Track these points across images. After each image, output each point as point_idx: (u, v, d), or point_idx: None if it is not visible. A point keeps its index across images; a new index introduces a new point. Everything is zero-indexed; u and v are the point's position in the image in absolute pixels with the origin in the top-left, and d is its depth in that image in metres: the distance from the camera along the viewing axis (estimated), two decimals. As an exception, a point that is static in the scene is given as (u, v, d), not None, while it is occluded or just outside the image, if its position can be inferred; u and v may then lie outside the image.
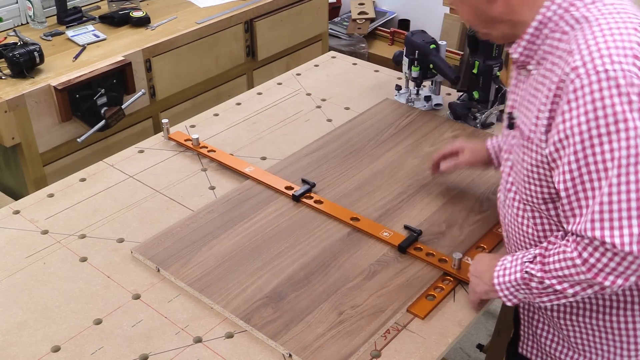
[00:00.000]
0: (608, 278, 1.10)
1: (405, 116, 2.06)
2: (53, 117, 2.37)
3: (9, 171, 2.48)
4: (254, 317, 1.35)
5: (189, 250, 1.53)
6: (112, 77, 2.47)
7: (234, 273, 1.46)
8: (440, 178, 1.76)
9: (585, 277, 1.12)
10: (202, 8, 2.97)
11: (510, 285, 1.26)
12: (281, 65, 3.27)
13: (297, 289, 1.42)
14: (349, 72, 2.39)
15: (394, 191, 1.72)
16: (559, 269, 1.15)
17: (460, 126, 2.00)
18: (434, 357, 1.29)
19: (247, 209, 1.66)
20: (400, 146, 1.91)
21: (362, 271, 1.47)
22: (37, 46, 2.39)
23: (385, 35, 4.11)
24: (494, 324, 2.28)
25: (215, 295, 1.40)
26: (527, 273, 1.22)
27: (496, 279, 1.28)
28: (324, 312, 1.36)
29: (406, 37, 2.07)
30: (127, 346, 1.31)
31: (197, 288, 1.42)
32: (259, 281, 1.44)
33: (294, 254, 1.51)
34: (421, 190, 1.72)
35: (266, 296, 1.40)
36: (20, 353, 1.29)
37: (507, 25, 1.21)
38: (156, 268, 1.48)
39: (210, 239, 1.56)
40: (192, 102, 2.90)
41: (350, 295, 1.40)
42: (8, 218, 1.66)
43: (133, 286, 1.45)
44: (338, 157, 1.86)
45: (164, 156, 1.91)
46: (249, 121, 2.09)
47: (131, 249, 1.54)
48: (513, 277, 1.25)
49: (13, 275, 1.48)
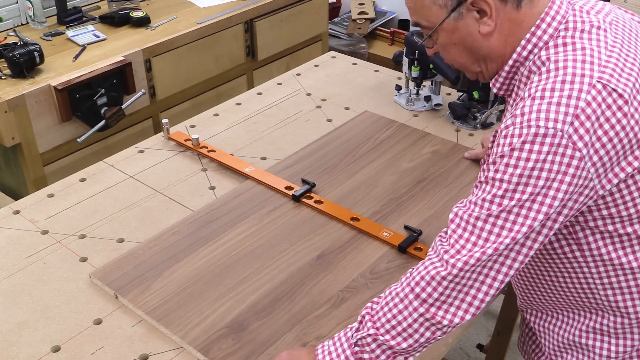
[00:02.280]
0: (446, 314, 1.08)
1: (384, 129, 1.99)
2: (53, 117, 2.37)
3: (9, 171, 2.48)
4: (213, 349, 1.27)
5: (149, 275, 1.45)
6: (112, 77, 2.47)
7: (195, 300, 1.38)
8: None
9: (420, 317, 1.09)
10: (202, 8, 2.97)
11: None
12: (281, 65, 3.27)
13: (260, 318, 1.34)
14: (349, 72, 2.39)
15: (370, 209, 1.65)
16: (391, 318, 1.11)
17: (440, 140, 1.93)
18: (434, 357, 1.29)
19: (213, 229, 1.58)
20: (377, 162, 1.83)
21: (329, 298, 1.39)
22: (37, 46, 2.39)
23: (385, 35, 4.11)
24: (494, 324, 2.28)
25: (173, 325, 1.32)
26: (357, 344, 1.14)
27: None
28: (287, 344, 1.29)
29: (406, 37, 2.07)
30: (127, 346, 1.31)
31: (155, 317, 1.34)
32: (221, 309, 1.36)
33: (260, 279, 1.44)
34: (398, 208, 1.65)
35: (227, 326, 1.32)
36: (20, 353, 1.29)
37: (498, 63, 1.16)
38: (114, 295, 1.41)
39: (173, 263, 1.48)
40: (192, 102, 2.90)
41: (315, 325, 1.33)
42: (8, 218, 1.66)
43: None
44: (314, 172, 1.79)
45: (164, 156, 1.91)
46: (249, 121, 2.09)
47: (89, 273, 1.47)
48: (342, 357, 1.15)
49: (13, 275, 1.48)
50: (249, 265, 1.48)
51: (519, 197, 1.02)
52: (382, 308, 1.13)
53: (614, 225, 1.11)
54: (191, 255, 1.51)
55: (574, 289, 1.22)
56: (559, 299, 1.27)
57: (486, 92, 1.98)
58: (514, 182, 1.02)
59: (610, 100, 1.01)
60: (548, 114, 1.00)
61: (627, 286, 1.17)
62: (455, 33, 1.14)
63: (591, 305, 1.23)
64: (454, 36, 1.14)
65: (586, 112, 0.99)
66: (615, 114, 1.00)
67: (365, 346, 1.14)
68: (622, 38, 1.09)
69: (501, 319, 2.07)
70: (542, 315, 1.34)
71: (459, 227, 1.08)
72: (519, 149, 1.01)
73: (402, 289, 1.12)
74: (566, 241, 1.16)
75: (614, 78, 1.02)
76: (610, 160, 1.02)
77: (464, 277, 1.06)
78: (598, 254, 1.15)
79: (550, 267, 1.23)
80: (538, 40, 1.09)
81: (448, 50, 1.19)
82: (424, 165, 1.83)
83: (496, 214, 1.04)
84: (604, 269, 1.16)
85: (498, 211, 1.03)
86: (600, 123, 1.00)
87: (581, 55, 1.04)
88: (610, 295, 1.18)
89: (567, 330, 1.29)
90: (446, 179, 1.76)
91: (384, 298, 1.15)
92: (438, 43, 1.19)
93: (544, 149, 0.99)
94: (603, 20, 1.10)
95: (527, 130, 1.01)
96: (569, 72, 1.03)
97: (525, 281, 1.32)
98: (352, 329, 1.17)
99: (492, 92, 1.97)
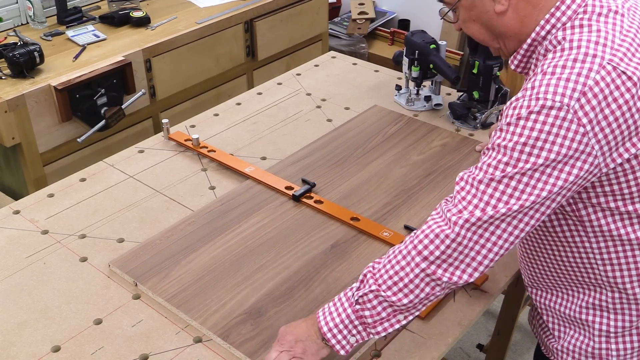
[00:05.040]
0: (445, 272, 1.12)
1: (394, 123, 2.02)
2: (53, 117, 2.37)
3: (9, 171, 2.48)
4: (232, 334, 1.31)
5: (168, 263, 1.49)
6: (112, 77, 2.47)
7: (213, 288, 1.42)
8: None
9: (421, 272, 1.13)
10: (202, 8, 2.97)
11: (343, 326, 1.19)
12: (281, 65, 3.27)
13: (277, 305, 1.38)
14: (349, 72, 2.39)
15: (382, 200, 1.69)
16: (394, 274, 1.15)
17: (449, 133, 1.97)
18: (434, 357, 1.29)
19: (229, 220, 1.62)
20: (387, 155, 1.87)
21: (345, 285, 1.42)
22: (37, 46, 2.39)
23: (385, 35, 4.11)
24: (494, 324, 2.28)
25: (193, 311, 1.36)
26: (358, 302, 1.17)
27: (325, 326, 1.20)
28: None
29: (406, 37, 2.07)
30: (127, 346, 1.31)
31: (174, 303, 1.38)
32: (239, 296, 1.40)
33: (276, 267, 1.48)
34: (409, 200, 1.69)
35: (245, 312, 1.36)
36: (20, 353, 1.29)
37: (515, 41, 1.20)
38: (134, 282, 1.45)
39: (190, 252, 1.52)
40: (192, 102, 2.90)
41: None
42: (8, 218, 1.66)
43: (133, 286, 1.45)
44: (324, 165, 1.82)
45: (164, 156, 1.91)
46: (249, 121, 2.09)
47: (109, 262, 1.50)
48: (344, 315, 1.19)
49: (13, 275, 1.48)
50: (264, 254, 1.51)
51: (522, 165, 1.06)
52: (385, 266, 1.17)
53: (616, 202, 1.14)
54: (207, 245, 1.55)
55: (575, 264, 1.25)
56: (559, 274, 1.30)
57: (486, 92, 1.98)
58: (518, 150, 1.06)
59: (619, 81, 1.04)
60: (556, 88, 1.03)
61: (626, 262, 1.20)
62: (473, 10, 1.20)
63: (590, 282, 1.26)
64: (472, 13, 1.21)
65: (594, 90, 1.03)
66: (623, 95, 1.04)
67: (367, 303, 1.17)
68: (638, 24, 1.13)
69: (501, 319, 2.07)
70: (544, 293, 1.37)
71: (462, 189, 1.13)
72: (525, 118, 1.05)
73: (406, 246, 1.16)
74: (569, 218, 1.20)
75: (623, 62, 1.05)
76: (615, 139, 1.05)
77: (465, 236, 1.10)
78: (600, 229, 1.18)
79: (552, 243, 1.26)
80: (556, 21, 1.13)
81: (468, 26, 1.25)
82: (434, 158, 1.86)
83: (498, 179, 1.08)
84: (604, 244, 1.19)
85: (500, 176, 1.08)
86: (608, 102, 1.03)
87: (595, 37, 1.07)
88: (610, 271, 1.22)
89: (567, 307, 1.32)
90: (456, 171, 1.80)
91: (386, 257, 1.19)
92: (460, 19, 1.25)
93: (549, 120, 1.03)
94: (622, 5, 1.13)
95: (534, 102, 1.04)
96: (581, 51, 1.06)
97: (529, 258, 1.36)
98: (353, 288, 1.21)
99: (492, 92, 1.98)
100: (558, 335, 1.36)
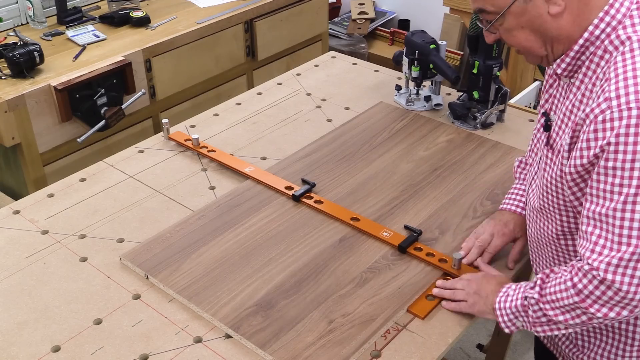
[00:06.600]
0: (600, 309, 1.10)
1: (400, 120, 2.04)
2: (53, 117, 2.37)
3: (9, 171, 2.48)
4: (243, 326, 1.33)
5: (178, 256, 1.50)
6: (112, 77, 2.48)
7: (223, 280, 1.44)
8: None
9: (576, 304, 1.12)
10: (202, 8, 2.97)
11: (510, 312, 1.27)
12: (281, 65, 3.27)
13: (287, 297, 1.40)
14: (349, 72, 2.39)
15: (388, 195, 1.71)
16: (554, 292, 1.17)
17: (455, 129, 1.99)
18: (434, 357, 1.29)
19: (238, 214, 1.64)
20: (393, 150, 1.89)
21: (353, 278, 1.45)
22: (37, 46, 2.39)
23: (385, 35, 4.11)
24: (494, 324, 2.28)
25: (204, 303, 1.38)
26: (526, 299, 1.23)
27: (497, 304, 1.30)
28: (314, 321, 1.34)
29: (406, 37, 2.07)
30: (127, 346, 1.31)
31: (185, 296, 1.40)
32: (249, 289, 1.42)
33: (285, 260, 1.49)
34: (416, 194, 1.71)
35: (255, 304, 1.38)
36: (20, 353, 1.29)
37: (565, 44, 1.16)
38: (145, 275, 1.47)
39: (200, 245, 1.54)
40: (192, 102, 2.90)
41: (340, 303, 1.38)
42: (8, 218, 1.66)
43: (133, 286, 1.45)
44: (331, 161, 1.84)
45: (164, 156, 1.91)
46: (249, 121, 2.09)
47: (120, 255, 1.52)
48: (514, 304, 1.26)
49: (13, 275, 1.48)
50: (274, 248, 1.53)
51: (636, 183, 1.03)
52: (551, 280, 1.19)
53: None
54: (217, 238, 1.56)
55: None
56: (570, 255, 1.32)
57: (486, 92, 1.98)
58: (628, 168, 1.03)
59: None
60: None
61: None
62: (524, 15, 1.14)
63: None
64: (522, 19, 1.15)
65: None
66: None
67: (530, 305, 1.23)
68: None
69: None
70: None
71: (595, 228, 1.10)
72: (625, 134, 1.03)
73: (565, 277, 1.15)
74: None
75: None
76: None
77: (615, 274, 1.06)
78: None
79: None
80: (611, 19, 1.10)
81: (514, 35, 1.18)
82: (440, 154, 1.88)
83: (621, 207, 1.05)
84: None
85: (622, 201, 1.05)
86: None
87: None
88: None
89: None
90: (462, 166, 1.82)
91: (554, 275, 1.20)
92: (502, 28, 1.19)
93: None
94: None
95: (627, 112, 1.02)
96: None
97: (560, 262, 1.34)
98: (529, 284, 1.25)
99: (492, 92, 1.98)
100: (582, 344, 1.34)
